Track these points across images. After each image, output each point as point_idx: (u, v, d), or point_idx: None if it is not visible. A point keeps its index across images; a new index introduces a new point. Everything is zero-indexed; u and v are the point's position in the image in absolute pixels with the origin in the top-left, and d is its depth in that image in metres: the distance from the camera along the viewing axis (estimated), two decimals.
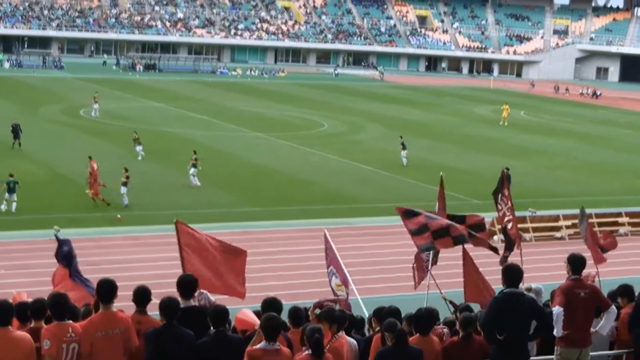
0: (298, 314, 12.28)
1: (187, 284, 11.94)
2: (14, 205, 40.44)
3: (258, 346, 10.91)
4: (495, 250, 19.68)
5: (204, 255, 15.93)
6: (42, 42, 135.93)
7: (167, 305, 10.91)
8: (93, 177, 42.49)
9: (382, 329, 12.00)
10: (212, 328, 11.19)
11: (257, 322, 11.81)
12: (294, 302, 14.34)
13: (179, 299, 11.67)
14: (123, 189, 42.45)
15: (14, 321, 10.64)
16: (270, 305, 12.03)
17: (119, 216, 40.05)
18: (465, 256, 18.77)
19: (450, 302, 17.37)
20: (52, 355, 10.37)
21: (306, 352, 10.82)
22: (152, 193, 45.74)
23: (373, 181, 52.07)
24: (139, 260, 33.88)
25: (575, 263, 12.70)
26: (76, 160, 51.31)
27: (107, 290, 10.86)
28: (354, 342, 12.42)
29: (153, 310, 11.33)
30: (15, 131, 56.51)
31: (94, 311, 11.54)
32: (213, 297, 13.60)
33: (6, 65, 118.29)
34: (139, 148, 54.94)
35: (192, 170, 48.53)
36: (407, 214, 18.46)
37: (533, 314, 11.90)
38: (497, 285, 12.86)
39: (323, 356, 10.82)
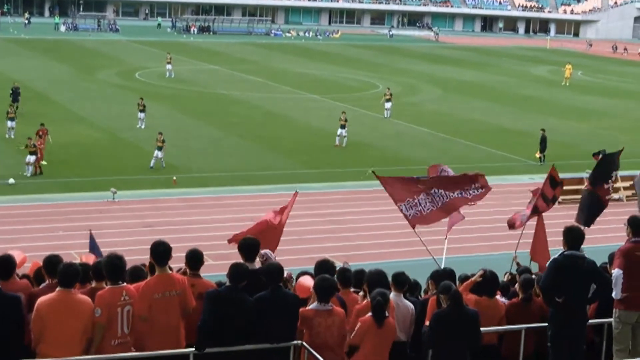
0: (346, 275, 12.30)
1: (249, 247, 11.93)
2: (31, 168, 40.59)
3: (310, 307, 11.00)
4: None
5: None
6: (98, 5, 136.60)
7: (235, 270, 10.91)
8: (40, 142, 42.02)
9: (437, 291, 11.96)
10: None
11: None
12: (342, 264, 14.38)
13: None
14: (158, 153, 42.36)
15: None
16: (323, 267, 12.05)
17: (174, 178, 40.27)
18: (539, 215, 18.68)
19: (518, 263, 17.27)
20: (102, 324, 10.42)
21: (369, 314, 10.87)
22: (207, 155, 45.89)
23: (429, 143, 51.77)
24: (194, 222, 34.04)
25: (636, 225, 12.43)
26: (133, 123, 51.62)
27: (162, 252, 10.89)
28: (410, 305, 12.39)
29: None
30: (15, 94, 54.78)
31: (149, 273, 11.60)
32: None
33: (62, 28, 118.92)
34: (141, 115, 51.59)
35: (340, 131, 49.48)
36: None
37: (593, 276, 11.76)
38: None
39: (385, 320, 10.84)
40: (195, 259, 11.49)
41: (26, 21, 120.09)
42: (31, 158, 40.13)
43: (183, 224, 33.41)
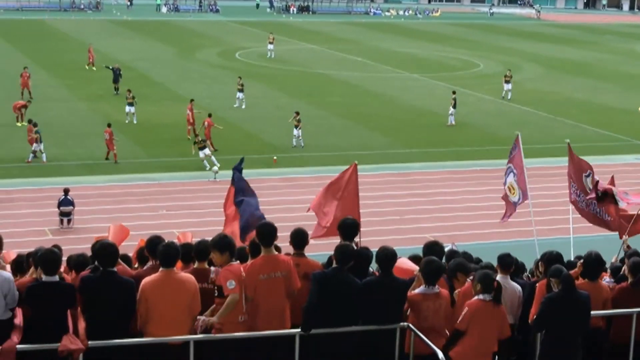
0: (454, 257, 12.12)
1: (348, 227, 11.77)
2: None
3: (417, 291, 10.82)
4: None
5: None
6: None
7: (342, 251, 10.77)
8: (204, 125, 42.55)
9: (547, 275, 11.68)
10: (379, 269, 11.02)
11: (415, 268, 11.64)
12: (450, 245, 14.23)
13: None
14: (295, 132, 43.06)
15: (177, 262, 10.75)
16: (432, 249, 11.85)
17: (274, 158, 40.40)
18: None
19: (628, 246, 16.75)
20: (235, 296, 10.35)
21: (480, 296, 10.66)
22: (306, 135, 45.88)
23: (531, 122, 50.96)
24: (295, 202, 34.07)
25: None
26: (233, 103, 51.95)
27: (268, 233, 10.80)
28: (518, 287, 12.14)
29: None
30: (115, 75, 55.71)
31: (250, 255, 11.54)
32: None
33: (164, 9, 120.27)
34: (240, 95, 52.18)
35: (451, 110, 49.17)
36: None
37: None
38: None
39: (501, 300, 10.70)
40: (299, 238, 11.38)
41: (128, 2, 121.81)
42: (203, 152, 39.84)
43: (283, 203, 33.48)
